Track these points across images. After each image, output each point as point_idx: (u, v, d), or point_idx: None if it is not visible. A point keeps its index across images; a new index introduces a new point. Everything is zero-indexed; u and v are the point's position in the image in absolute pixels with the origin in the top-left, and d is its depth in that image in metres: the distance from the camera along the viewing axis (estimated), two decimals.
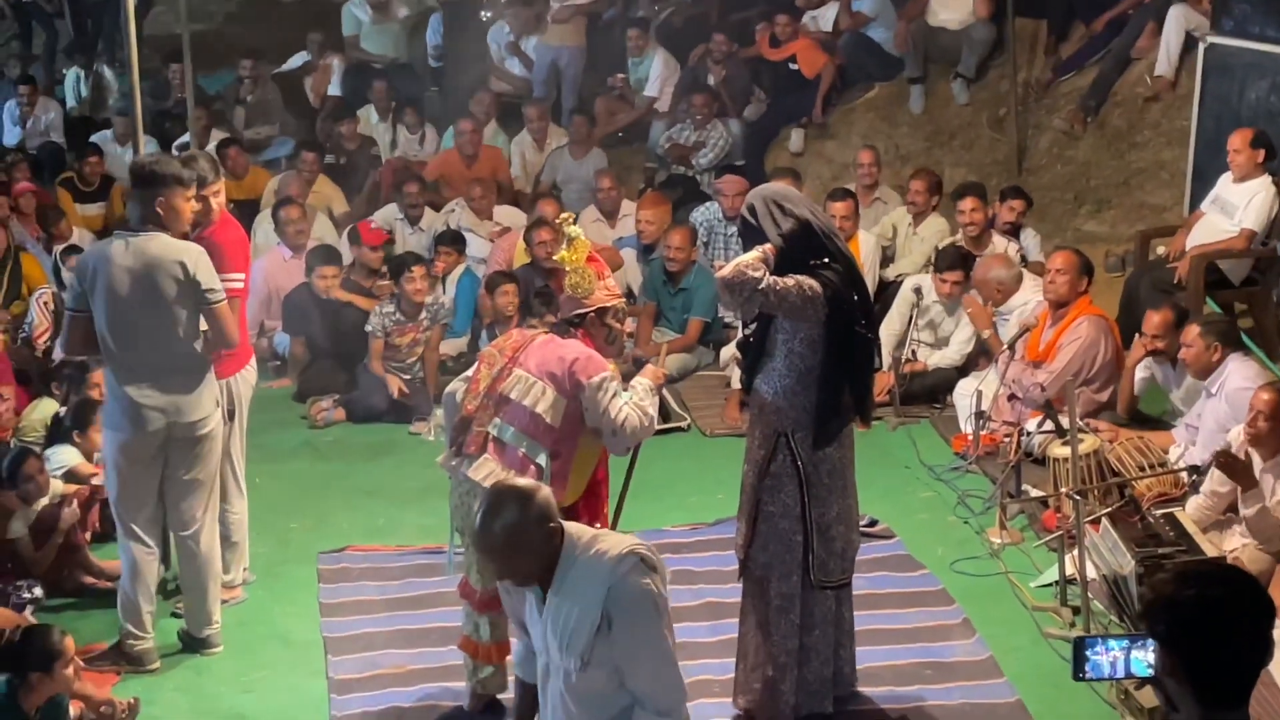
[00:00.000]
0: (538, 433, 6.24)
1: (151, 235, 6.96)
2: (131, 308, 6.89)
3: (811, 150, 14.13)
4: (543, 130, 14.10)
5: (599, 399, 6.23)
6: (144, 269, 6.88)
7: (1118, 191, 12.62)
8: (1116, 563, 7.18)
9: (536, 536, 4.65)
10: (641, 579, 4.65)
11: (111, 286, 6.86)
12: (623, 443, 6.35)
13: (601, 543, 4.72)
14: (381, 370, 10.52)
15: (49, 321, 10.97)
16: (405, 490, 9.25)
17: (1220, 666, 3.32)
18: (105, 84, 16.46)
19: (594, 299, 6.50)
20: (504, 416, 6.29)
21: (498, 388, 6.33)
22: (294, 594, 7.98)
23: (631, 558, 4.66)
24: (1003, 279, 10.02)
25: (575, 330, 6.51)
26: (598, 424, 6.27)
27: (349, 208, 13.28)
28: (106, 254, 6.92)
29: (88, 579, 8.05)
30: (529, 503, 4.65)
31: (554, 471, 6.26)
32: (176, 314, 6.96)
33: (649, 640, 4.68)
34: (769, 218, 6.16)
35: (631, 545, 4.72)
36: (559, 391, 6.25)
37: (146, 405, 6.95)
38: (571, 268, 6.53)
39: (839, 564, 6.30)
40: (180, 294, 6.94)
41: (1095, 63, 13.23)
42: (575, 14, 14.98)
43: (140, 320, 6.91)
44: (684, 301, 11.14)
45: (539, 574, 4.72)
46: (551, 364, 6.30)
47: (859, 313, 6.18)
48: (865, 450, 6.36)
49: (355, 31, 15.97)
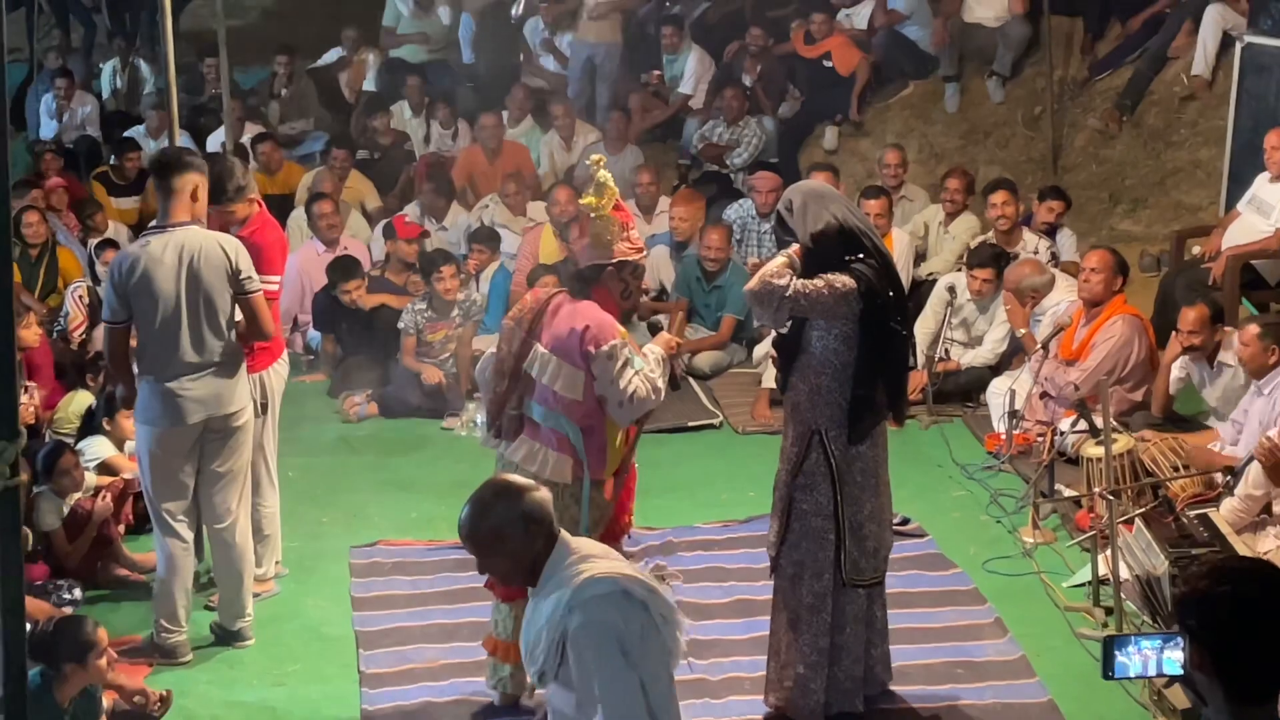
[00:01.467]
0: (565, 409, 6.19)
1: (188, 228, 6.98)
2: (178, 302, 6.91)
3: (845, 148, 14.10)
4: (569, 127, 14.09)
5: (608, 367, 6.10)
6: (189, 261, 6.91)
7: (1153, 191, 12.58)
8: (1150, 563, 7.15)
9: (516, 537, 4.47)
10: (604, 612, 4.33)
11: (158, 283, 6.88)
12: (629, 414, 6.20)
13: (592, 563, 4.47)
14: (415, 365, 10.53)
15: (84, 315, 11.01)
16: (438, 485, 9.25)
17: (1251, 662, 3.32)
18: (141, 77, 16.52)
19: (617, 250, 6.29)
20: (531, 395, 6.26)
21: (520, 366, 6.28)
22: (326, 588, 8.00)
23: (604, 585, 4.37)
24: (1036, 286, 9.96)
25: (591, 286, 6.31)
26: (605, 393, 6.13)
27: (382, 203, 13.31)
28: (148, 253, 6.92)
29: (121, 571, 8.08)
30: (515, 502, 4.49)
31: (589, 446, 6.20)
32: (220, 304, 7.00)
33: (599, 677, 4.33)
34: (803, 215, 6.15)
35: (617, 573, 4.44)
36: (573, 365, 6.16)
37: (187, 398, 6.98)
38: (597, 214, 6.29)
39: (871, 563, 6.29)
40: (224, 284, 6.98)
41: (1131, 61, 13.19)
42: (612, 10, 14.97)
43: (186, 313, 6.93)
44: (718, 299, 11.14)
45: (521, 575, 4.54)
46: (563, 337, 6.18)
47: (894, 309, 6.17)
48: (898, 449, 6.36)
49: (394, 24, 16.00)
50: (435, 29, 15.96)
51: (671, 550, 8.16)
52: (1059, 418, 9.11)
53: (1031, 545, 8.17)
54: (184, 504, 7.18)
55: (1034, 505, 8.34)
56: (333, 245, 11.54)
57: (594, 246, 6.30)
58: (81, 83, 16.22)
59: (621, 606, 4.37)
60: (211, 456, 7.17)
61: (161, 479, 7.11)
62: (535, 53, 15.43)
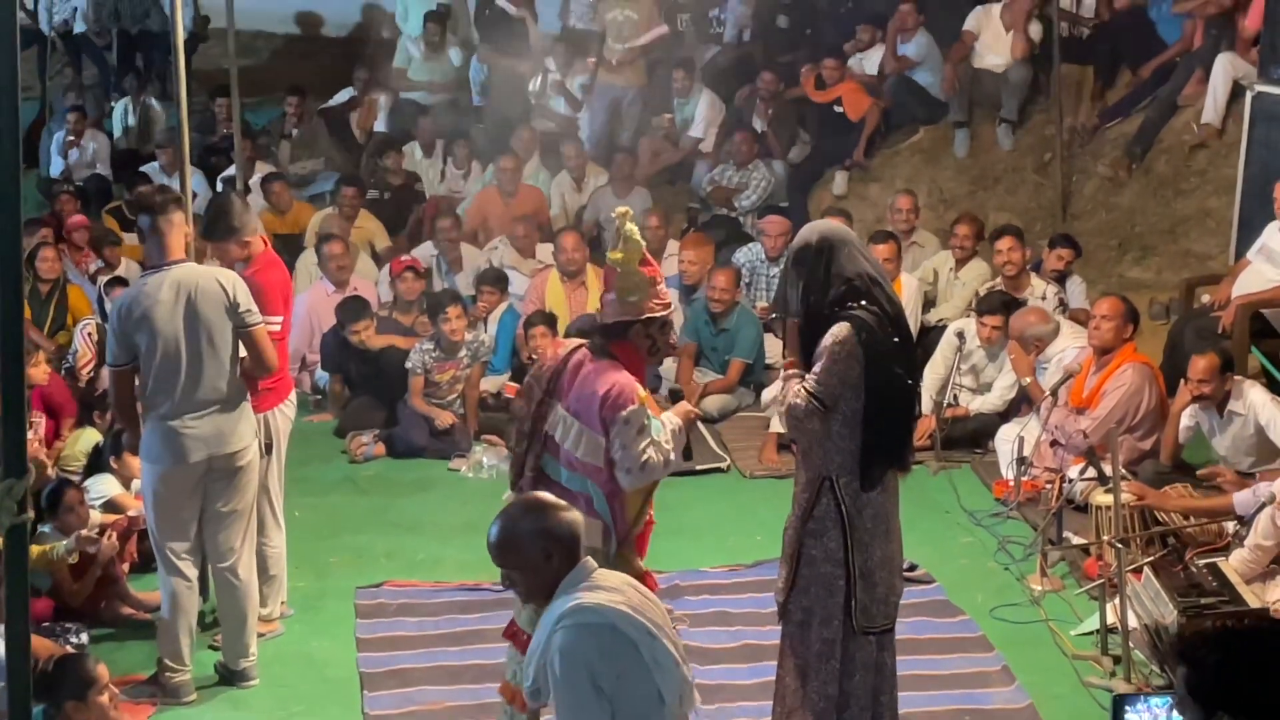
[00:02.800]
0: (589, 473, 6.12)
1: (183, 265, 7.02)
2: (178, 339, 6.92)
3: (855, 193, 14.11)
4: (580, 169, 14.12)
5: (625, 432, 6.02)
6: (189, 298, 6.92)
7: (1163, 239, 12.57)
8: (1158, 612, 7.13)
9: (532, 551, 4.56)
10: (583, 640, 4.41)
11: (157, 321, 6.88)
12: (635, 481, 6.10)
13: (598, 591, 4.53)
14: (422, 406, 10.53)
15: (93, 352, 11.01)
16: (444, 526, 9.24)
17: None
18: (153, 116, 16.56)
19: (645, 307, 6.20)
20: (555, 456, 6.20)
21: (540, 427, 6.23)
22: (331, 628, 7.97)
23: (594, 615, 4.45)
24: (1040, 334, 9.94)
25: (616, 342, 6.22)
26: (616, 456, 6.05)
27: (391, 243, 13.32)
28: (145, 292, 6.94)
29: (126, 610, 8.06)
30: (541, 517, 4.61)
31: (614, 510, 6.12)
32: (222, 340, 7.00)
33: (563, 702, 4.44)
34: (815, 268, 6.10)
35: (616, 605, 4.49)
36: (594, 430, 6.08)
37: (189, 436, 6.97)
38: (624, 269, 6.17)
39: (882, 609, 6.24)
40: (223, 318, 6.99)
41: (1141, 109, 13.20)
42: (639, 56, 15.03)
43: (188, 351, 6.94)
44: (726, 342, 11.13)
45: (539, 592, 4.61)
46: (585, 401, 6.09)
47: (898, 354, 6.12)
48: (906, 495, 6.32)
49: (405, 65, 16.04)
50: (446, 71, 15.99)
51: (678, 594, 8.13)
52: (1068, 465, 9.09)
53: (1039, 593, 8.14)
54: (188, 543, 7.17)
55: (1042, 553, 8.32)
56: (342, 286, 11.55)
57: (621, 302, 6.19)
58: (93, 121, 16.27)
59: (604, 640, 4.44)
60: (215, 496, 7.16)
61: (165, 517, 7.10)
62: (544, 94, 15.42)
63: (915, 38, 14.16)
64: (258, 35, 18.77)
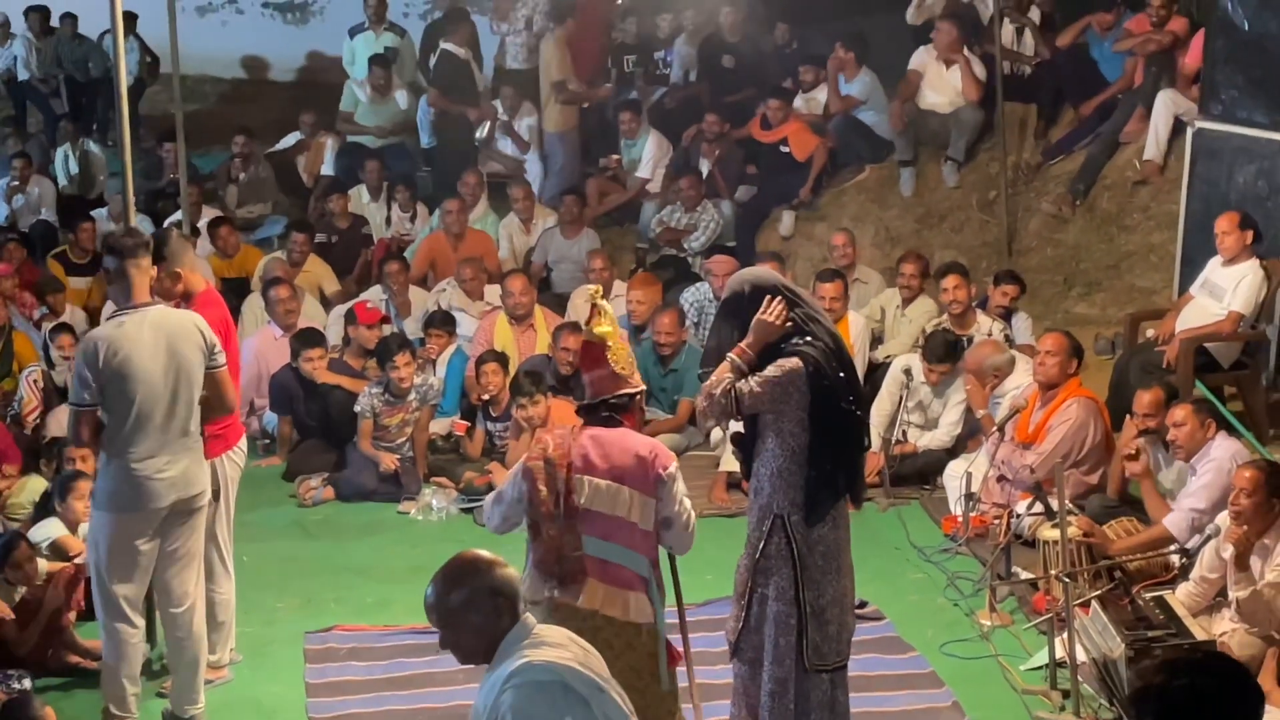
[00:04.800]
0: (636, 543, 6.01)
1: (157, 307, 7.02)
2: (161, 382, 6.89)
3: (801, 232, 14.17)
4: (529, 210, 14.15)
5: (674, 490, 6.01)
6: (169, 340, 6.91)
7: (1107, 274, 12.66)
8: (1106, 646, 7.15)
9: (482, 612, 4.50)
10: (533, 700, 4.35)
11: (138, 364, 6.83)
12: (687, 541, 6.13)
13: (544, 649, 4.47)
14: (370, 449, 10.50)
15: (38, 399, 10.97)
16: (394, 570, 9.21)
17: None
18: (93, 160, 16.53)
19: (636, 379, 6.24)
20: (596, 533, 6.00)
21: (573, 503, 6.01)
22: (280, 674, 7.93)
23: (543, 673, 4.40)
24: (999, 365, 10.02)
25: (624, 414, 6.18)
26: (669, 515, 6.01)
27: (340, 287, 13.30)
28: (126, 335, 6.87)
29: (73, 659, 7.99)
30: (483, 576, 4.53)
31: (657, 579, 6.07)
32: (196, 382, 7.01)
33: None
34: (750, 316, 6.15)
35: (564, 663, 4.45)
36: (644, 492, 5.99)
37: (160, 480, 6.93)
38: (614, 343, 6.17)
39: (834, 647, 6.25)
40: (200, 361, 7.00)
41: (1084, 147, 13.30)
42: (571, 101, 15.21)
43: (167, 394, 6.91)
44: (674, 382, 11.15)
45: (481, 652, 4.55)
46: (626, 462, 5.99)
47: (844, 389, 6.15)
48: (856, 531, 6.34)
49: (352, 109, 16.04)
50: (393, 114, 15.99)
51: None
52: (1015, 500, 9.13)
53: (989, 628, 8.17)
54: (140, 589, 7.10)
55: (991, 588, 8.35)
56: (290, 329, 11.51)
57: (616, 375, 6.15)
58: (39, 167, 16.21)
59: (555, 698, 4.38)
60: (172, 538, 7.10)
61: (121, 564, 7.01)
62: (491, 137, 15.44)
63: (859, 76, 14.26)
64: (204, 79, 18.79)
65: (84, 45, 17.80)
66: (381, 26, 16.42)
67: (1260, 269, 10.17)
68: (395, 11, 17.01)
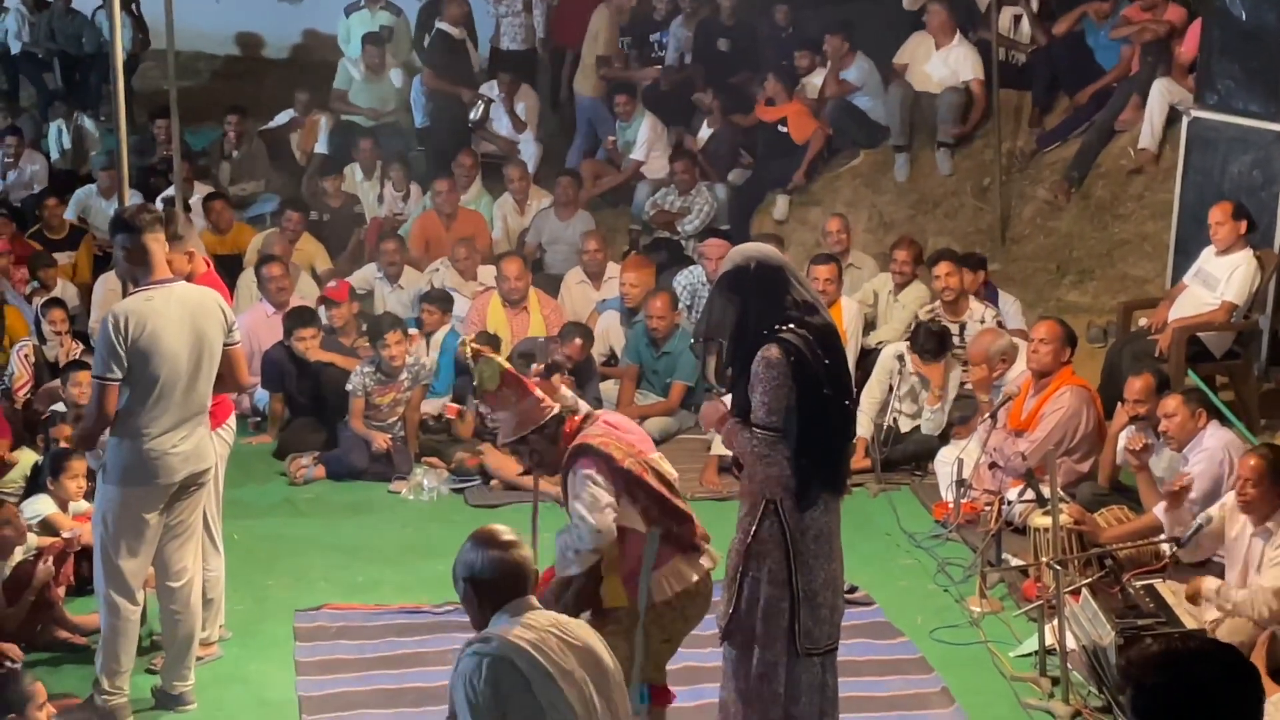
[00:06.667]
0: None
1: (181, 282, 7.01)
2: (185, 358, 6.89)
3: (795, 217, 14.17)
4: (524, 191, 14.14)
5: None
6: (192, 316, 6.92)
7: (1100, 262, 12.66)
8: (1096, 633, 7.16)
9: (461, 583, 4.82)
10: (471, 668, 4.61)
11: (166, 340, 6.82)
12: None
13: (512, 626, 4.68)
14: (362, 428, 10.49)
15: (29, 374, 10.94)
16: (384, 549, 9.21)
17: None
18: (86, 136, 16.48)
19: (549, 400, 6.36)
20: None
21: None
22: (270, 652, 7.92)
23: (492, 646, 4.63)
24: (1004, 349, 10.06)
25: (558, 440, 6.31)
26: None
27: (333, 265, 13.29)
28: (155, 309, 6.84)
29: (62, 634, 7.96)
30: (475, 550, 4.81)
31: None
32: (216, 359, 7.03)
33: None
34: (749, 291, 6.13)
35: (518, 641, 4.63)
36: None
37: (174, 455, 6.93)
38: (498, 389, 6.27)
39: (825, 630, 6.24)
40: (220, 337, 7.02)
41: (1079, 134, 13.30)
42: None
43: (189, 370, 6.91)
44: (667, 365, 11.15)
45: (475, 621, 4.85)
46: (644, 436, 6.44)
47: (829, 377, 6.12)
48: (846, 516, 6.33)
49: (346, 87, 16.00)
50: (386, 92, 15.96)
51: None
52: (1006, 487, 9.14)
53: (978, 614, 8.18)
54: (144, 564, 7.08)
55: (981, 574, 8.36)
56: (282, 307, 11.50)
57: (540, 400, 6.24)
58: (31, 142, 16.17)
59: (496, 671, 4.59)
60: (175, 512, 7.09)
61: (128, 538, 6.98)
62: (486, 116, 15.40)
63: (855, 62, 14.25)
64: (198, 56, 18.71)
65: (77, 20, 17.72)
66: (377, 5, 16.37)
67: (1254, 259, 10.18)
68: None
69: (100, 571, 7.10)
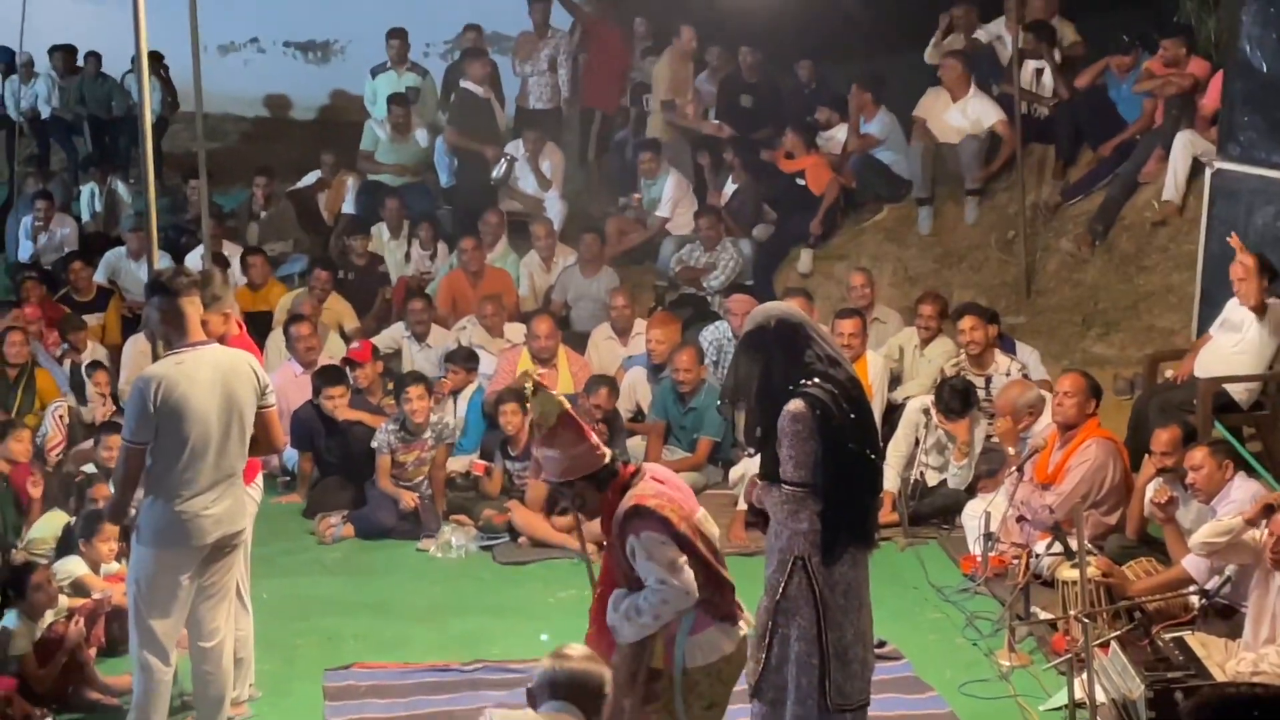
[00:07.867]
0: None
1: (213, 346, 7.07)
2: (216, 421, 6.94)
3: (820, 270, 14.22)
4: (550, 248, 14.20)
5: None
6: (224, 379, 6.97)
7: (1126, 314, 12.67)
8: (1125, 686, 7.15)
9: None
10: None
11: (195, 403, 6.87)
12: None
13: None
14: (390, 486, 10.53)
15: (63, 435, 11.02)
16: (413, 607, 9.22)
17: None
18: (119, 199, 16.60)
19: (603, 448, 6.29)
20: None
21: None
22: (300, 711, 7.94)
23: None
24: (1032, 402, 10.05)
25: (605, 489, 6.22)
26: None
27: (359, 324, 13.35)
28: (185, 374, 6.90)
29: (93, 695, 7.98)
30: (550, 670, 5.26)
31: None
32: (249, 422, 7.07)
33: None
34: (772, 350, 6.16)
35: None
36: None
37: (206, 518, 6.97)
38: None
39: (857, 685, 6.25)
40: (253, 400, 7.06)
41: (1103, 187, 13.32)
42: None
43: (218, 432, 6.95)
44: (694, 420, 11.16)
45: None
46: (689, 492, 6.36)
47: (855, 431, 6.15)
48: (874, 570, 6.35)
49: (372, 148, 16.10)
50: (412, 152, 16.05)
51: None
52: (1034, 540, 9.13)
53: (1008, 668, 8.16)
54: (177, 625, 7.11)
55: (1010, 628, 8.34)
56: (310, 367, 11.56)
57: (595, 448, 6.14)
58: (61, 205, 16.28)
59: None
60: (208, 573, 7.12)
61: (161, 599, 7.01)
62: (512, 175, 15.46)
63: (878, 116, 14.32)
64: (226, 118, 18.89)
65: (107, 84, 17.87)
66: (403, 66, 16.48)
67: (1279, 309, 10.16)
68: (416, 51, 17.05)
69: (134, 632, 7.13)
